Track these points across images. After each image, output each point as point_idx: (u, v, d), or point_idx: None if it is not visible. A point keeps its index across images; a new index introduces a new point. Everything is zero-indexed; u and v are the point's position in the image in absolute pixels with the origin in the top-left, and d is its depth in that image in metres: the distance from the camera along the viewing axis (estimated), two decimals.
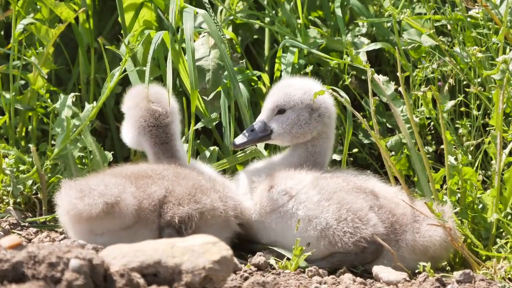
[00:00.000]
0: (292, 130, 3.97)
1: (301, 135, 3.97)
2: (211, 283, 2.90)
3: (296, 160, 3.98)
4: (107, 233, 3.68)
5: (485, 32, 4.20)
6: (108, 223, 3.66)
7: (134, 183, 3.74)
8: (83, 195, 3.64)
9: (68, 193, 3.69)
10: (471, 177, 3.95)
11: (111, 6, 4.84)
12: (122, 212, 3.65)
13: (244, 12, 4.75)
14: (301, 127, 3.96)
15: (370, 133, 3.90)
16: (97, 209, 3.61)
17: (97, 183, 3.68)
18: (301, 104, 3.96)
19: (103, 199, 3.62)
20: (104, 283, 2.81)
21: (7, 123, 4.57)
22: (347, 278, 3.68)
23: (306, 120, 3.96)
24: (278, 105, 3.98)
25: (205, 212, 3.75)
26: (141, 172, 3.81)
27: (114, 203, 3.63)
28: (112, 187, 3.66)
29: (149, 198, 3.71)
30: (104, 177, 3.74)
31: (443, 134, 3.93)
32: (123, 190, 3.67)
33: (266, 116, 4.00)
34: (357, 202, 3.81)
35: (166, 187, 3.75)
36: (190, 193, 3.75)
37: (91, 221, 3.65)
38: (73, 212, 3.65)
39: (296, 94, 3.97)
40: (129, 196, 3.67)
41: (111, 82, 4.16)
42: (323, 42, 4.61)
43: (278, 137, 3.99)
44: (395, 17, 4.23)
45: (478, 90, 4.13)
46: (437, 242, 3.80)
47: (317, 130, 3.98)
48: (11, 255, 2.78)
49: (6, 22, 4.90)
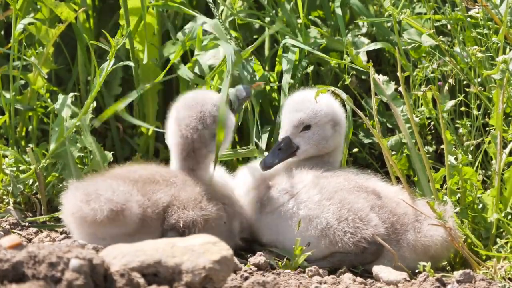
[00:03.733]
0: (318, 145, 3.95)
1: (326, 149, 3.97)
2: (211, 283, 2.90)
3: (294, 162, 3.98)
4: (109, 238, 3.68)
5: (485, 32, 4.20)
6: (111, 229, 3.65)
7: (140, 190, 3.72)
8: (90, 199, 3.63)
9: (75, 195, 3.68)
10: (471, 177, 3.95)
11: (111, 6, 4.84)
12: (126, 220, 3.64)
13: (244, 12, 4.75)
14: (327, 141, 3.96)
15: (372, 132, 3.90)
16: (102, 215, 3.60)
17: (105, 188, 3.66)
18: (326, 119, 3.96)
19: (109, 205, 3.61)
20: (104, 283, 2.81)
21: (7, 123, 4.57)
22: (347, 278, 3.68)
23: (331, 134, 3.96)
24: (304, 121, 3.96)
25: (209, 220, 3.74)
26: (149, 177, 3.79)
27: (119, 211, 3.62)
28: (119, 194, 3.64)
29: (154, 206, 3.70)
30: (112, 182, 3.71)
31: (443, 134, 3.93)
32: (130, 199, 3.66)
33: (291, 133, 3.95)
34: (358, 202, 3.80)
35: (172, 194, 3.74)
36: (196, 199, 3.74)
37: (94, 225, 3.64)
38: (78, 214, 3.64)
39: (322, 110, 3.95)
40: (134, 205, 3.66)
41: (100, 77, 4.17)
42: (323, 42, 4.61)
43: (303, 153, 3.97)
44: (395, 17, 4.23)
45: (478, 90, 4.13)
46: (438, 242, 3.80)
47: (338, 142, 4.00)
48: (11, 255, 2.78)
49: (6, 22, 4.90)
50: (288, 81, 4.43)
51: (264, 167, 3.92)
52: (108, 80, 4.74)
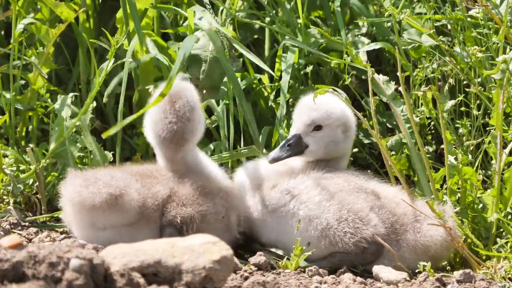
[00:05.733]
0: (326, 148, 3.95)
1: (334, 152, 3.97)
2: (211, 283, 2.90)
3: (298, 164, 3.98)
4: (109, 228, 3.68)
5: (485, 32, 4.20)
6: (110, 217, 3.66)
7: (140, 181, 3.75)
8: (88, 184, 3.66)
9: (73, 182, 3.72)
10: (471, 177, 3.95)
11: (111, 6, 4.84)
12: (125, 207, 3.66)
13: (244, 11, 4.75)
14: (336, 145, 3.96)
15: (371, 133, 3.90)
16: (101, 199, 3.62)
17: (104, 174, 3.70)
18: (338, 122, 3.96)
19: (108, 189, 3.63)
20: (105, 283, 2.81)
21: (7, 123, 4.57)
22: (347, 278, 3.68)
23: (341, 138, 3.96)
24: (316, 121, 3.96)
25: (207, 215, 3.75)
26: (147, 172, 3.82)
27: (118, 195, 3.64)
28: (118, 180, 3.68)
29: (153, 197, 3.72)
30: (111, 170, 3.77)
31: (443, 134, 3.93)
32: (128, 185, 3.69)
33: (302, 131, 3.96)
34: (358, 203, 3.81)
35: (170, 188, 3.75)
36: (194, 195, 3.75)
37: (93, 211, 3.65)
38: (77, 200, 3.65)
39: (336, 113, 3.95)
40: (133, 191, 3.68)
41: (100, 77, 4.17)
42: (323, 42, 4.61)
43: (311, 153, 3.97)
44: (395, 17, 4.23)
45: (478, 90, 4.13)
46: (438, 242, 3.80)
47: (346, 148, 4.00)
48: (11, 255, 2.78)
49: (6, 22, 4.90)
50: (287, 81, 4.43)
51: (271, 160, 3.92)
52: (108, 80, 4.73)
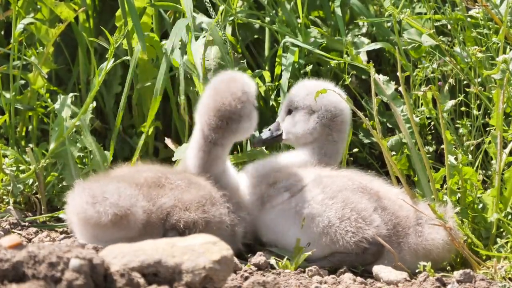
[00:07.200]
0: (292, 130, 3.97)
1: (302, 136, 3.96)
2: (211, 283, 2.90)
3: (300, 161, 3.97)
4: (110, 241, 3.67)
5: (485, 32, 4.20)
6: (114, 233, 3.65)
7: (146, 195, 3.72)
8: (95, 202, 3.63)
9: (80, 196, 3.68)
10: (471, 177, 3.95)
11: (111, 6, 4.84)
12: (130, 225, 3.65)
13: (244, 11, 4.75)
14: (301, 128, 3.96)
15: (372, 133, 3.90)
16: (106, 219, 3.61)
17: (112, 192, 3.65)
18: (303, 104, 3.96)
19: (114, 210, 3.61)
20: (104, 283, 2.80)
21: (7, 123, 4.56)
22: (348, 278, 3.68)
23: (305, 121, 3.95)
24: (286, 105, 4.00)
25: (211, 223, 3.74)
26: (155, 180, 3.78)
27: (123, 215, 3.62)
28: (125, 198, 3.64)
29: (158, 211, 3.70)
30: (119, 185, 3.70)
31: (443, 134, 3.93)
32: (135, 204, 3.66)
33: (281, 116, 4.03)
34: (362, 202, 3.79)
35: (175, 196, 3.74)
36: (199, 202, 3.74)
37: (98, 228, 3.64)
38: (82, 216, 3.64)
39: (299, 95, 3.96)
40: (139, 210, 3.66)
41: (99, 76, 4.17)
42: (323, 41, 4.61)
43: (286, 138, 3.99)
44: (395, 17, 4.23)
45: (478, 90, 4.13)
46: (439, 245, 3.79)
47: (317, 132, 3.96)
48: (11, 255, 2.77)
49: (6, 22, 4.90)
50: (287, 80, 4.43)
51: (253, 145, 4.07)
52: (108, 79, 4.74)
